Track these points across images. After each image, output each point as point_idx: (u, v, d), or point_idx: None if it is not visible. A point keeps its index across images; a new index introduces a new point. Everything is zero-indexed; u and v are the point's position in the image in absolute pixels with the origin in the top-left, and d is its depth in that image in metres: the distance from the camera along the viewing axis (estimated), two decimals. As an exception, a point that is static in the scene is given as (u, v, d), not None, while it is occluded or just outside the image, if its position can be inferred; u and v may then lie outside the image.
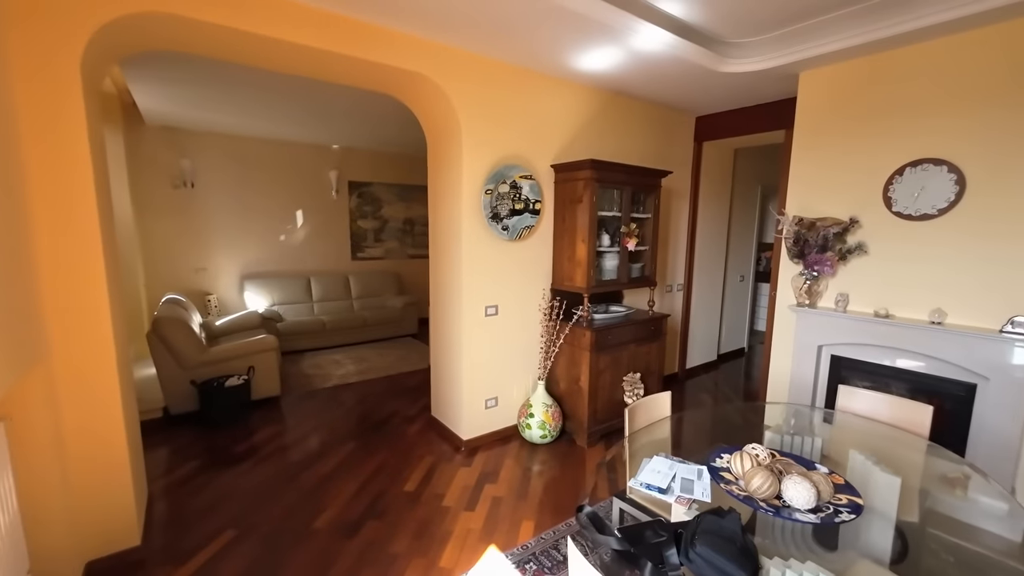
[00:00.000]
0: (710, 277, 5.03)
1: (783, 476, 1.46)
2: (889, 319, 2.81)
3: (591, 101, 3.57)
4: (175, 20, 2.05)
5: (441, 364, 3.48)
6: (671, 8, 2.57)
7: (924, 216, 2.67)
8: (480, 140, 3.00)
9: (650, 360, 3.66)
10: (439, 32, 2.63)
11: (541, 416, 3.24)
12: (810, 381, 3.19)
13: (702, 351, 5.14)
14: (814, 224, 3.05)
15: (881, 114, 2.81)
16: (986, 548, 1.59)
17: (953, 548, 1.63)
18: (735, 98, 3.86)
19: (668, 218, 4.43)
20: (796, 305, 3.18)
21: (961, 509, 1.75)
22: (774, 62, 2.98)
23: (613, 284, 3.47)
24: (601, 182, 3.20)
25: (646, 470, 1.67)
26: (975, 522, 1.72)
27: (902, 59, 2.70)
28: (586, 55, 2.93)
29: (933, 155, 2.62)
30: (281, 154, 5.93)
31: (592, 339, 3.18)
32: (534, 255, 3.41)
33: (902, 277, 2.80)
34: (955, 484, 2.58)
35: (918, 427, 2.08)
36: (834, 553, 1.51)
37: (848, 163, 2.97)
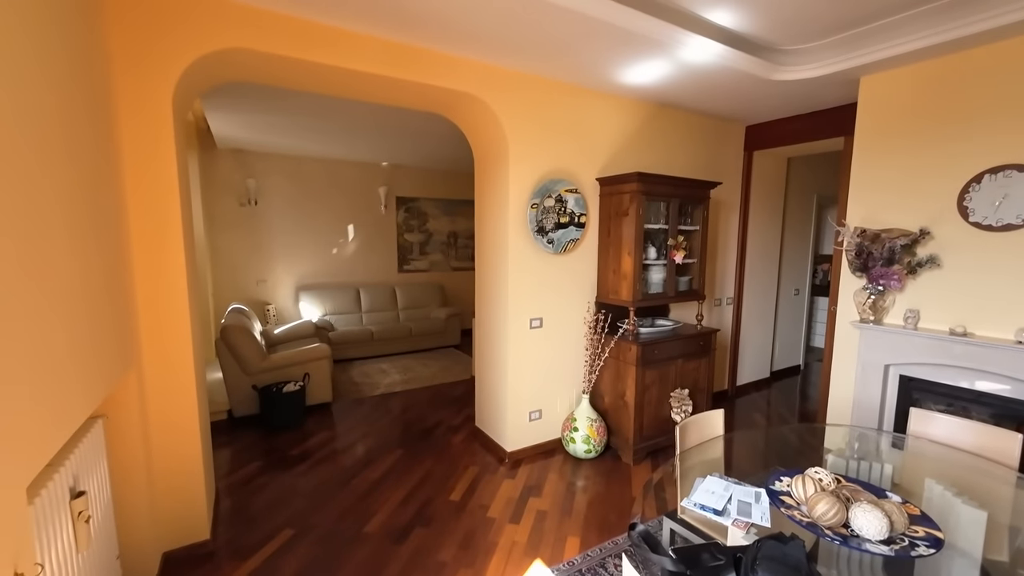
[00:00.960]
0: (762, 290, 4.83)
1: (851, 503, 1.39)
2: (967, 337, 2.60)
3: (636, 113, 3.57)
4: (252, 55, 2.24)
5: (485, 376, 3.52)
6: (721, 18, 2.54)
7: (1007, 226, 2.47)
8: (526, 155, 3.06)
9: (699, 376, 3.55)
10: (489, 54, 2.73)
11: (585, 431, 3.21)
12: (876, 403, 2.98)
13: (754, 368, 4.92)
14: (879, 236, 2.88)
15: (954, 118, 2.64)
16: None
17: None
18: (788, 106, 3.73)
19: (717, 230, 4.31)
20: (859, 321, 3.00)
21: None
22: (832, 68, 2.87)
23: (660, 298, 3.41)
24: (647, 194, 3.17)
25: (700, 490, 1.62)
26: None
27: (977, 59, 2.54)
28: (633, 69, 2.94)
29: (1017, 160, 2.43)
30: (334, 172, 6.26)
31: (638, 353, 3.13)
32: (579, 268, 3.41)
33: (982, 292, 2.59)
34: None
35: (1005, 456, 1.90)
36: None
37: (916, 171, 2.80)
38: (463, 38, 2.50)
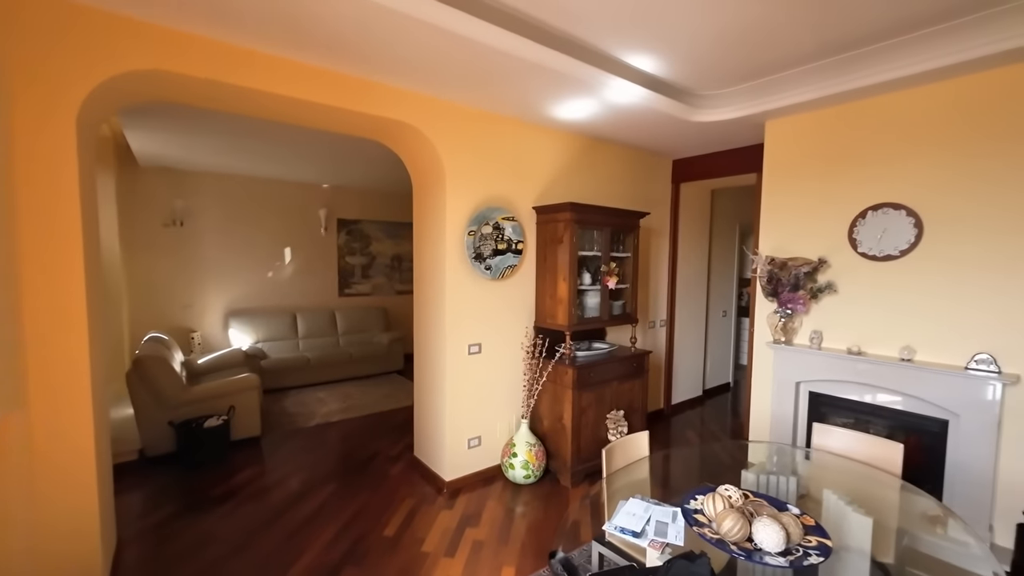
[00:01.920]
0: (693, 313, 5.12)
1: (754, 518, 1.48)
2: (862, 356, 2.88)
3: (571, 146, 3.74)
4: (170, 77, 2.16)
5: (424, 404, 3.46)
6: (643, 64, 2.75)
7: (888, 257, 2.80)
8: (463, 183, 3.12)
9: (633, 397, 3.68)
10: (425, 86, 2.78)
11: (525, 456, 3.22)
12: (790, 418, 3.22)
13: (687, 387, 5.16)
14: (786, 264, 3.16)
15: (844, 160, 2.98)
16: None
17: None
18: (708, 143, 4.06)
19: (649, 256, 4.55)
20: (773, 342, 3.26)
21: (940, 548, 1.76)
22: (741, 112, 3.17)
23: (595, 321, 3.53)
24: (580, 223, 3.31)
25: (622, 513, 1.67)
26: (954, 561, 1.73)
27: (862, 110, 2.90)
28: (565, 106, 3.10)
29: (892, 200, 2.78)
30: (271, 192, 6.04)
31: (574, 376, 3.21)
32: (517, 294, 3.47)
33: (871, 315, 2.89)
34: (934, 523, 2.59)
35: (891, 465, 2.11)
36: (810, 596, 1.52)
37: (815, 206, 3.12)
38: (395, 68, 2.54)
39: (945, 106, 2.58)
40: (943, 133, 2.59)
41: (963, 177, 2.54)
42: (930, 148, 2.64)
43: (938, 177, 2.62)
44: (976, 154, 2.49)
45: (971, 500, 2.51)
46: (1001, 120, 2.41)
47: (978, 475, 2.49)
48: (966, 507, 2.51)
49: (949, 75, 2.50)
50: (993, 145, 2.44)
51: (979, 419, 2.47)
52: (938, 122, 2.61)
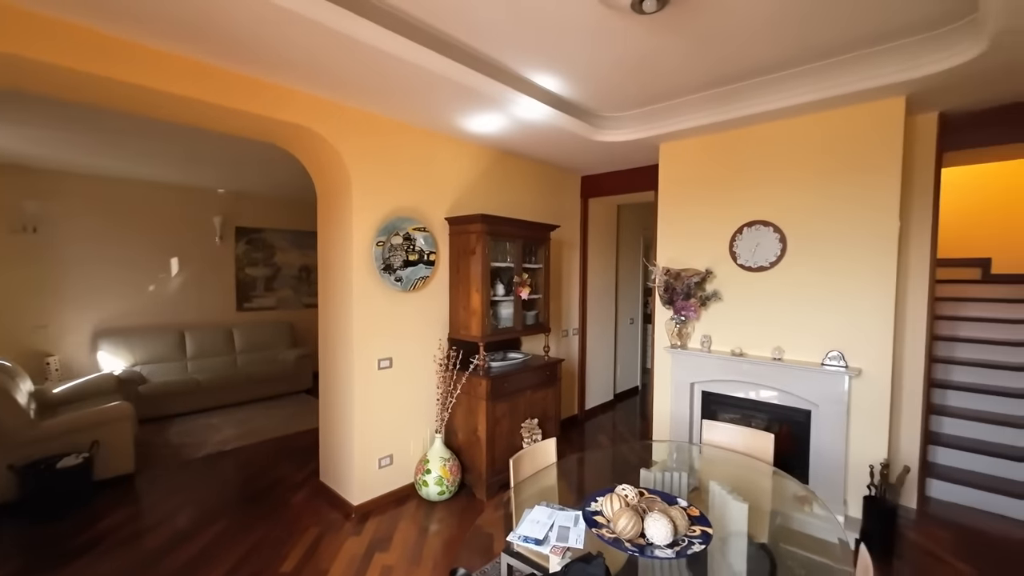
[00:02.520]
0: (603, 321, 5.39)
1: (646, 514, 1.57)
2: (744, 357, 3.22)
3: (483, 158, 3.79)
4: (29, 64, 1.85)
5: (330, 424, 3.26)
6: (549, 84, 2.88)
7: (760, 268, 3.16)
8: (371, 193, 3.02)
9: (547, 405, 3.76)
10: (328, 90, 2.66)
11: (439, 471, 3.14)
12: (687, 417, 3.49)
13: (600, 392, 5.40)
14: (680, 274, 3.45)
15: (725, 181, 3.33)
16: (828, 557, 1.81)
17: (805, 562, 1.85)
18: (613, 161, 4.34)
19: (560, 267, 4.73)
20: (670, 347, 3.52)
21: (807, 524, 1.98)
22: (638, 134, 3.43)
23: (509, 332, 3.57)
24: (493, 234, 3.35)
25: (526, 521, 1.69)
26: (817, 534, 1.96)
27: (740, 138, 3.26)
28: (475, 119, 3.13)
29: (762, 218, 3.15)
30: (155, 197, 5.39)
31: (488, 387, 3.21)
32: (430, 306, 3.41)
33: (750, 320, 3.24)
34: (802, 502, 2.93)
35: (765, 453, 2.36)
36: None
37: (703, 222, 3.44)
38: (291, 70, 2.41)
39: (807, 137, 2.99)
40: (804, 160, 3.00)
41: (819, 199, 2.95)
42: (793, 173, 3.04)
43: (798, 199, 3.02)
44: (830, 179, 2.91)
45: (829, 480, 2.88)
46: (851, 151, 2.84)
47: (834, 457, 2.87)
48: (826, 486, 2.88)
49: (811, 110, 2.89)
50: (844, 172, 2.87)
51: (833, 409, 2.86)
52: (800, 151, 3.02)
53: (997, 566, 2.58)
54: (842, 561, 1.65)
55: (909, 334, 3.05)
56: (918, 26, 2.24)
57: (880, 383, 2.77)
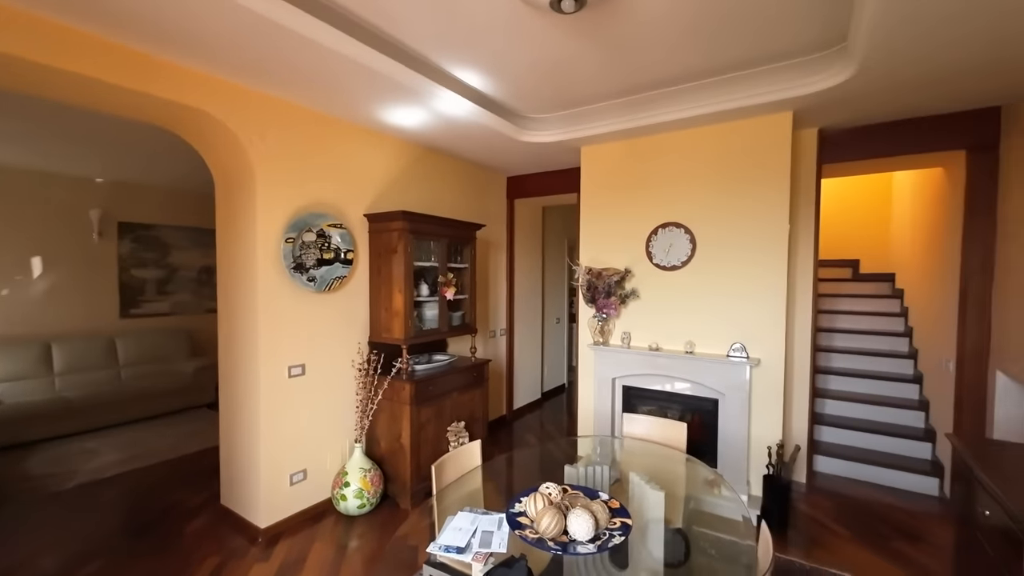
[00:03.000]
0: (530, 321, 5.44)
1: (569, 511, 1.57)
2: (660, 352, 3.39)
3: (407, 154, 3.66)
4: None
5: (232, 440, 2.94)
6: (473, 81, 2.83)
7: (673, 267, 3.36)
8: (279, 186, 2.77)
9: (475, 406, 3.70)
10: (228, 71, 2.40)
11: (358, 483, 2.96)
12: (609, 411, 3.61)
13: (528, 391, 5.45)
14: (601, 273, 3.56)
15: (641, 184, 3.50)
16: (734, 534, 1.93)
17: (715, 542, 1.95)
18: (538, 163, 4.39)
19: (487, 268, 4.70)
20: (593, 344, 3.62)
21: (716, 506, 2.11)
22: (560, 136, 3.49)
23: (434, 333, 3.47)
24: (415, 233, 3.23)
25: (448, 530, 1.62)
26: (725, 514, 2.08)
27: (655, 144, 3.43)
28: (396, 112, 3.00)
29: (675, 219, 3.35)
30: (11, 185, 4.57)
31: (412, 391, 3.09)
32: (348, 307, 3.21)
33: (665, 316, 3.43)
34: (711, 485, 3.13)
35: (679, 442, 2.49)
36: (625, 571, 1.67)
37: (621, 223, 3.59)
38: (186, 47, 2.14)
39: (710, 145, 3.22)
40: (709, 167, 3.23)
41: (722, 204, 3.18)
42: (700, 178, 3.26)
43: (705, 202, 3.24)
44: (731, 186, 3.15)
45: (735, 462, 3.12)
46: (748, 160, 3.09)
47: (738, 441, 3.11)
48: (732, 468, 3.12)
49: (714, 121, 3.11)
50: (743, 180, 3.12)
51: (737, 396, 3.10)
52: (705, 158, 3.24)
53: (867, 526, 2.94)
54: (746, 536, 1.77)
55: (798, 326, 3.39)
56: (801, 50, 2.50)
57: (775, 371, 3.05)
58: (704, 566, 1.82)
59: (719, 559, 1.86)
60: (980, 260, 2.99)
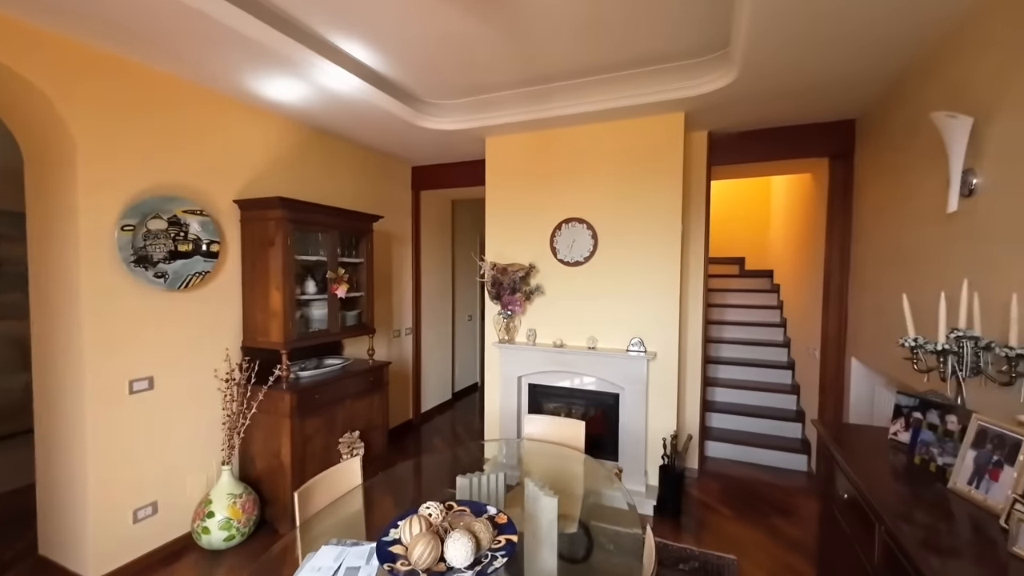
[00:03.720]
0: (439, 319, 5.21)
1: (447, 535, 1.40)
2: (564, 348, 3.36)
3: (291, 134, 3.25)
4: None
5: (51, 474, 2.38)
6: (362, 56, 2.55)
7: (577, 263, 3.34)
8: (111, 160, 2.27)
9: (372, 413, 3.41)
10: (40, 14, 1.89)
11: (225, 512, 2.55)
12: (515, 411, 3.52)
13: (437, 392, 5.22)
14: (506, 269, 3.45)
15: (545, 178, 3.43)
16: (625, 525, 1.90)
17: (613, 536, 1.92)
18: (444, 153, 4.17)
19: (390, 263, 4.39)
20: (499, 342, 3.50)
21: (616, 499, 2.07)
22: (462, 125, 3.31)
23: (322, 335, 3.12)
24: (298, 223, 2.87)
25: (305, 570, 1.37)
26: (620, 506, 2.05)
27: (557, 137, 3.37)
28: (270, 83, 2.62)
29: (577, 215, 3.33)
30: None
31: (294, 402, 2.73)
32: (213, 308, 2.76)
33: (569, 312, 3.40)
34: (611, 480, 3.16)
35: (578, 441, 2.44)
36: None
37: (527, 217, 3.50)
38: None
39: (609, 142, 3.23)
40: (608, 164, 3.24)
41: (621, 201, 3.21)
42: (600, 175, 3.26)
43: (605, 199, 3.25)
44: (629, 183, 3.19)
45: (634, 455, 3.17)
46: (644, 158, 3.14)
47: (637, 434, 3.17)
48: (632, 461, 3.17)
49: (612, 117, 3.13)
50: (640, 178, 3.16)
51: (636, 390, 3.15)
52: (605, 155, 3.24)
53: (749, 505, 3.15)
54: (633, 525, 1.77)
55: (691, 320, 3.55)
56: (692, 52, 2.57)
57: (670, 364, 3.14)
58: (602, 562, 1.77)
59: (617, 552, 1.84)
60: (839, 257, 3.33)
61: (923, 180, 2.17)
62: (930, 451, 1.41)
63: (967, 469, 1.23)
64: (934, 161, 2.04)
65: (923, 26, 1.99)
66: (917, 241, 2.22)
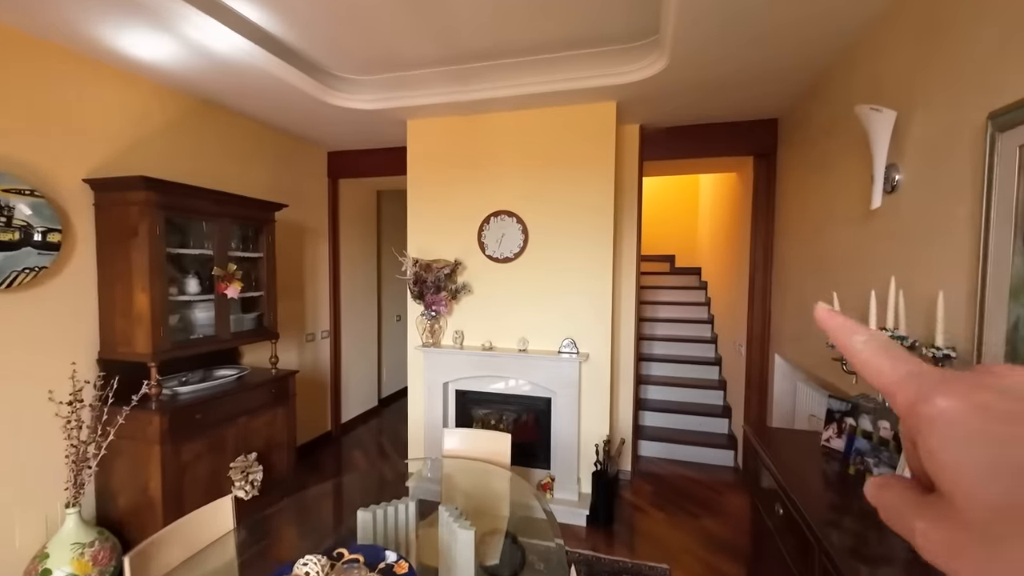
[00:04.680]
0: (363, 320, 4.79)
1: (326, 600, 1.11)
2: (494, 351, 3.12)
3: (168, 104, 2.73)
4: None
5: None
6: (253, 15, 2.15)
7: (506, 259, 3.11)
8: None
9: (275, 430, 2.98)
10: None
11: (68, 567, 2.04)
12: (441, 421, 3.23)
13: (361, 400, 4.80)
14: (430, 266, 3.15)
15: (472, 167, 3.17)
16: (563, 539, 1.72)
17: (543, 553, 1.72)
18: (363, 137, 3.77)
19: (302, 258, 3.93)
20: (423, 345, 3.20)
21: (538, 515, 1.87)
22: (379, 104, 2.97)
23: (209, 343, 2.66)
24: (172, 209, 2.40)
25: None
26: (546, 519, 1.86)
27: (484, 123, 3.12)
28: (126, 35, 2.13)
29: (506, 208, 3.10)
30: None
31: (165, 424, 2.27)
32: (52, 313, 2.22)
33: (499, 312, 3.17)
34: (543, 490, 2.98)
35: (502, 456, 2.21)
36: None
37: (452, 209, 3.22)
38: None
39: (538, 131, 3.02)
40: (537, 154, 3.03)
41: (552, 193, 3.02)
42: (530, 165, 3.05)
43: (536, 191, 3.05)
44: (560, 176, 3.00)
45: (567, 462, 3.01)
46: (575, 150, 2.97)
47: (569, 440, 3.00)
48: (564, 469, 3.00)
49: (540, 103, 2.93)
50: (571, 170, 2.98)
51: (568, 393, 2.98)
52: (534, 144, 3.03)
53: (680, 507, 3.10)
54: (552, 535, 1.65)
55: (623, 318, 3.45)
56: (622, 36, 2.42)
57: (603, 365, 3.01)
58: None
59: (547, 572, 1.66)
60: (763, 255, 3.37)
61: (844, 177, 2.17)
62: (865, 460, 1.32)
63: (907, 483, 1.14)
64: (855, 158, 2.02)
65: (843, 23, 1.97)
66: (839, 239, 2.22)
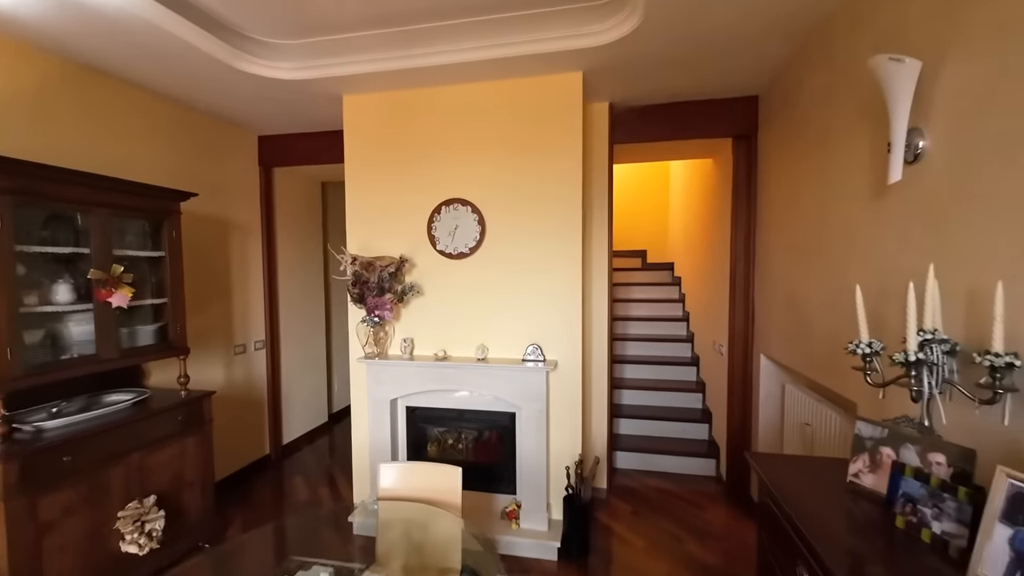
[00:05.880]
0: (308, 327, 4.28)
1: None
2: (448, 361, 2.71)
3: (35, 68, 2.19)
4: None
5: None
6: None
7: (461, 254, 2.70)
8: None
9: (184, 465, 2.48)
10: None
11: None
12: (388, 444, 2.79)
13: (307, 417, 4.29)
14: (372, 263, 2.70)
15: (419, 149, 2.74)
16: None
17: None
18: (295, 119, 3.29)
19: (230, 258, 3.40)
20: (365, 356, 2.76)
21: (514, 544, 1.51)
22: (306, 74, 2.51)
23: (86, 364, 2.13)
24: (27, 195, 1.87)
25: None
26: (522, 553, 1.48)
27: (432, 98, 2.70)
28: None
29: (460, 196, 2.69)
30: None
31: (12, 474, 1.75)
32: None
33: (453, 316, 2.76)
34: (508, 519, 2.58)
35: (451, 493, 1.79)
36: None
37: (397, 198, 2.79)
38: None
39: (494, 106, 2.63)
40: (494, 133, 2.64)
41: (512, 178, 2.63)
42: (486, 147, 2.66)
43: (493, 176, 2.66)
44: (520, 157, 2.62)
45: (535, 486, 2.62)
46: (538, 128, 2.59)
47: (537, 460, 2.61)
48: (531, 493, 2.61)
49: (494, 74, 2.54)
50: (533, 151, 2.60)
51: (534, 408, 2.60)
52: (489, 122, 2.64)
53: (662, 530, 2.77)
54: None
55: (595, 319, 3.10)
56: (589, -13, 2.05)
57: (573, 374, 2.64)
58: None
59: None
60: (744, 245, 3.08)
61: (849, 152, 1.86)
62: (919, 511, 0.98)
63: (998, 555, 0.80)
64: (864, 127, 1.72)
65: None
66: (843, 223, 1.91)
